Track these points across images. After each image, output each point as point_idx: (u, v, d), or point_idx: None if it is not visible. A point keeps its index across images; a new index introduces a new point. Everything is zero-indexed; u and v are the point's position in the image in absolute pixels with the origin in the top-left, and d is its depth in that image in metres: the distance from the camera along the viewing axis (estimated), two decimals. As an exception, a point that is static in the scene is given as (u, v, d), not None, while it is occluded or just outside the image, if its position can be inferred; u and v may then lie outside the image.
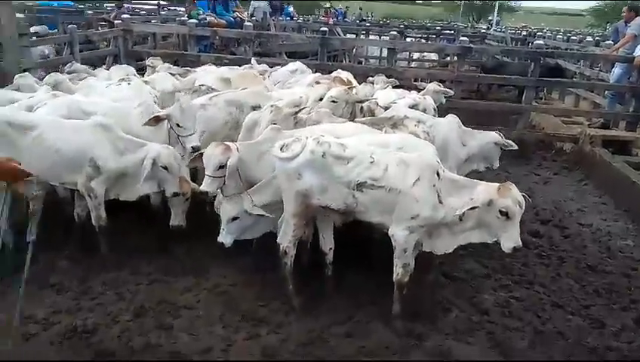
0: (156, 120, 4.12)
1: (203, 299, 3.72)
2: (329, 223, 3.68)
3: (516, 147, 4.57)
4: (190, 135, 4.17)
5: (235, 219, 3.67)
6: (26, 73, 5.39)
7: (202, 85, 5.23)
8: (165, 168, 3.98)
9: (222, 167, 3.58)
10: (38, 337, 3.25)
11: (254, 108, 4.62)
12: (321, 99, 4.44)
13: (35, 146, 3.79)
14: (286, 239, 3.51)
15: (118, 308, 3.55)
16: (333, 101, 4.36)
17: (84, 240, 4.23)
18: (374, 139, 3.68)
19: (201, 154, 3.71)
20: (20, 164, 2.74)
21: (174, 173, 4.03)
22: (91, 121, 3.97)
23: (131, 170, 3.99)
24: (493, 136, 4.56)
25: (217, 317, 3.52)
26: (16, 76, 5.28)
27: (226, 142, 3.72)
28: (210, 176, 3.61)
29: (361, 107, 4.57)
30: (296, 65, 7.06)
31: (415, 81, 10.78)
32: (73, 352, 3.14)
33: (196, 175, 4.44)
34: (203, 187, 3.64)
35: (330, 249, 3.71)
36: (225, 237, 3.69)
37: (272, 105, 4.27)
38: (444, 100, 5.95)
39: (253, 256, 4.15)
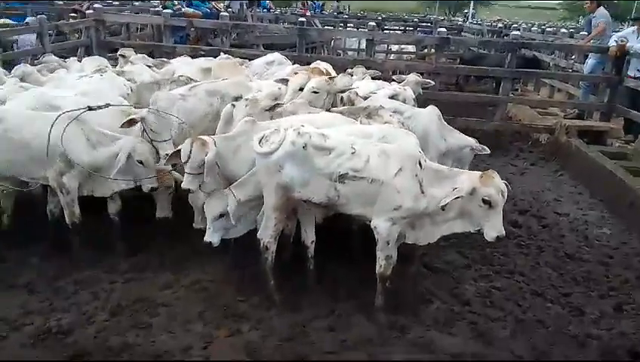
0: (130, 123, 3.92)
1: (182, 296, 3.63)
2: (311, 216, 3.63)
3: (489, 151, 4.55)
4: (164, 141, 3.98)
5: (221, 216, 3.57)
6: None
7: (181, 76, 5.10)
8: (141, 163, 3.85)
9: (203, 163, 3.46)
10: (8, 339, 3.13)
11: (236, 98, 4.50)
12: (300, 90, 4.37)
13: (2, 140, 3.63)
14: (267, 234, 3.43)
15: (93, 308, 3.44)
16: (315, 91, 4.29)
17: (56, 238, 4.09)
18: (356, 129, 3.63)
19: (178, 151, 3.58)
20: None
21: (150, 167, 3.91)
22: (62, 112, 3.80)
23: (105, 164, 3.85)
24: (470, 141, 4.54)
25: (197, 314, 3.44)
26: None
27: (202, 137, 3.57)
28: (190, 174, 3.50)
29: (342, 97, 4.50)
30: (274, 56, 6.94)
31: (394, 73, 10.81)
32: (47, 353, 3.03)
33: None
34: (184, 185, 3.54)
35: (312, 242, 3.67)
36: (212, 236, 3.58)
37: (247, 99, 4.17)
38: (421, 91, 5.93)
39: (233, 251, 4.08)
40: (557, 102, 9.54)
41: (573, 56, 10.60)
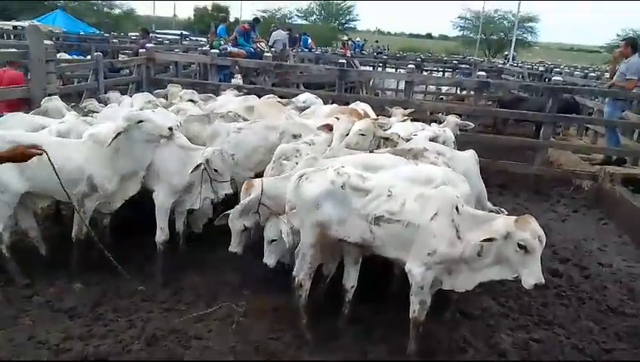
0: (197, 168, 4.15)
1: (214, 330, 3.68)
2: (357, 261, 3.63)
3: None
4: (224, 182, 4.29)
5: (273, 241, 3.82)
6: (54, 97, 5.52)
7: (230, 111, 5.33)
8: (216, 171, 4.25)
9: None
10: (50, 363, 3.23)
11: (295, 136, 4.71)
12: (347, 134, 4.46)
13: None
14: (302, 271, 3.47)
15: (129, 336, 3.52)
16: (362, 134, 4.37)
17: (99, 265, 4.26)
18: (417, 172, 3.69)
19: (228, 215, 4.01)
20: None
21: (225, 174, 4.33)
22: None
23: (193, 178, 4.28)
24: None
25: (229, 349, 3.46)
26: (44, 100, 5.42)
27: (251, 180, 3.97)
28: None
29: (385, 140, 4.57)
30: (305, 96, 7.06)
31: (432, 113, 10.86)
32: (84, 380, 3.12)
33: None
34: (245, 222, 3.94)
35: (352, 287, 3.65)
36: (268, 258, 3.88)
37: (274, 161, 4.40)
38: (458, 133, 5.94)
39: (267, 286, 4.13)
40: (600, 148, 9.31)
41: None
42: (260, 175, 4.50)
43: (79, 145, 4.08)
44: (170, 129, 4.11)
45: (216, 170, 4.23)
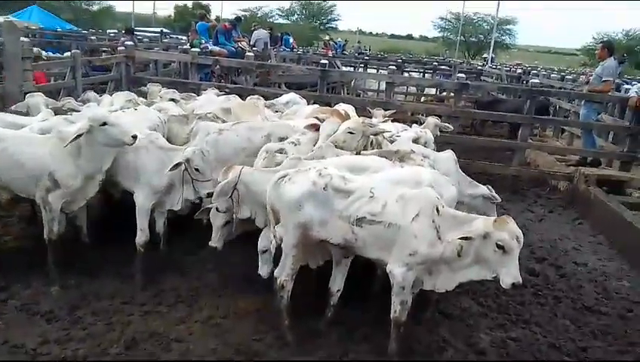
0: (176, 167, 4.10)
1: (196, 332, 3.65)
2: (345, 265, 3.65)
3: (499, 200, 4.55)
4: (207, 181, 4.23)
5: (264, 251, 3.88)
6: (37, 93, 5.40)
7: (209, 113, 5.29)
8: (197, 170, 4.23)
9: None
10: (26, 368, 3.18)
11: (281, 139, 4.72)
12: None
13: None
14: (284, 272, 3.47)
15: (108, 340, 3.47)
16: (350, 132, 4.37)
17: (79, 267, 4.21)
18: (405, 174, 3.70)
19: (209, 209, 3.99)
20: None
21: (206, 173, 4.26)
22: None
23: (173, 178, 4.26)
24: (482, 190, 4.53)
25: (210, 351, 3.45)
26: (28, 95, 5.31)
27: (234, 166, 3.92)
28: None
29: (371, 140, 4.59)
30: (289, 96, 7.07)
31: (412, 114, 10.95)
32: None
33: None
34: (214, 202, 3.90)
35: (338, 291, 3.68)
36: (261, 269, 3.91)
37: (266, 152, 4.36)
38: (438, 133, 6.01)
39: (248, 287, 4.12)
40: (576, 149, 9.49)
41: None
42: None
43: (44, 140, 4.01)
44: (135, 137, 4.02)
45: (197, 169, 4.20)
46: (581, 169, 7.92)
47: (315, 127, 4.70)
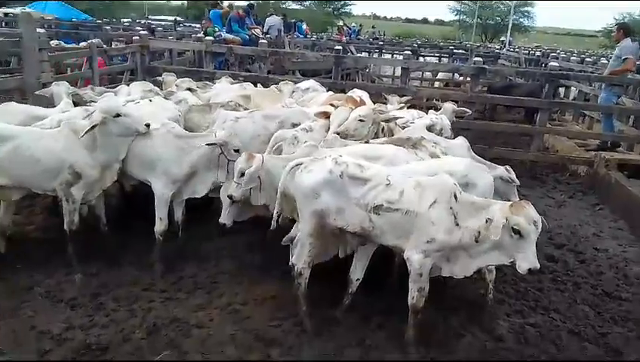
0: (210, 145, 4.20)
1: (215, 318, 3.71)
2: (367, 254, 3.65)
3: (518, 182, 4.39)
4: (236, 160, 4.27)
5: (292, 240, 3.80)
6: (62, 82, 5.41)
7: (231, 101, 5.31)
8: (237, 151, 4.23)
9: (244, 173, 3.80)
10: (53, 353, 3.26)
11: (294, 125, 4.74)
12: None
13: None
14: (301, 260, 3.50)
15: (130, 326, 3.55)
16: (361, 120, 4.36)
17: (101, 255, 4.31)
18: (436, 165, 3.72)
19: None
20: None
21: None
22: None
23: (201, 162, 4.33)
24: (500, 171, 4.35)
25: (229, 337, 3.50)
26: (54, 83, 5.36)
27: (252, 153, 3.93)
28: (235, 182, 3.86)
29: (382, 127, 4.56)
30: (310, 83, 7.08)
31: (427, 100, 10.83)
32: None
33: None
34: (229, 191, 3.90)
35: (358, 280, 3.69)
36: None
37: (303, 128, 4.48)
38: (454, 119, 5.94)
39: (266, 274, 4.16)
40: (596, 134, 9.34)
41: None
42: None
43: (56, 134, 4.01)
44: (148, 126, 4.10)
45: (237, 150, 4.23)
46: (601, 153, 7.79)
47: (326, 115, 4.69)
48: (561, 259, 5.13)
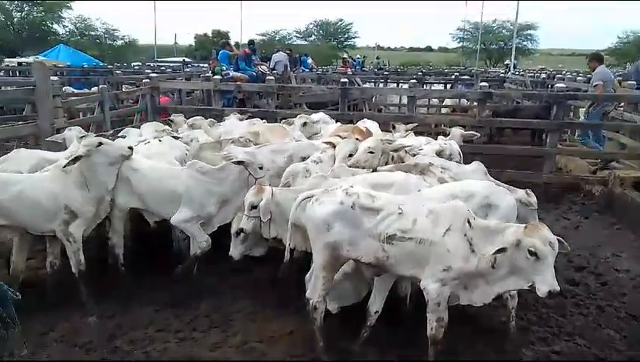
0: (238, 163, 4.34)
1: (231, 357, 3.65)
2: (386, 285, 3.61)
3: (536, 207, 4.29)
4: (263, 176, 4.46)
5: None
6: (75, 127, 5.55)
7: (241, 137, 5.39)
8: (261, 168, 4.46)
9: (254, 207, 3.89)
10: (67, 400, 3.22)
11: (303, 158, 4.80)
12: (350, 155, 4.46)
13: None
14: (316, 293, 3.45)
15: (146, 368, 3.50)
16: (371, 152, 4.39)
17: (115, 296, 4.31)
18: (457, 189, 3.76)
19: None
20: None
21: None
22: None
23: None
24: (520, 194, 4.24)
25: (246, 376, 3.43)
26: (67, 129, 5.50)
27: (262, 186, 4.01)
28: (246, 215, 3.92)
29: (392, 156, 4.58)
30: (319, 116, 7.17)
31: (435, 126, 10.85)
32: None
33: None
34: (240, 224, 3.96)
35: (377, 312, 3.63)
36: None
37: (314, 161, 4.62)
38: (462, 143, 5.92)
39: (281, 310, 4.11)
40: (608, 153, 9.26)
41: (622, 105, 10.35)
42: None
43: (49, 176, 4.11)
44: (131, 148, 4.25)
45: (261, 167, 4.38)
46: (616, 172, 7.69)
47: (333, 145, 4.73)
48: (582, 281, 5.00)
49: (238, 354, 3.68)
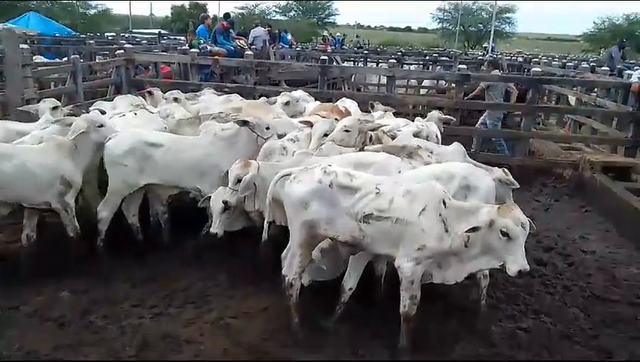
0: (243, 123, 4.51)
1: (206, 332, 3.67)
2: (361, 263, 3.66)
3: (517, 186, 4.46)
4: (272, 135, 4.60)
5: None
6: (49, 99, 5.44)
7: (222, 112, 5.32)
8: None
9: (240, 180, 3.88)
10: (40, 375, 3.20)
11: (280, 136, 4.78)
12: (325, 135, 4.45)
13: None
14: (292, 271, 3.48)
15: (120, 343, 3.49)
16: (347, 130, 4.39)
17: (89, 272, 4.27)
18: (438, 170, 3.82)
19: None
20: None
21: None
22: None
23: None
24: (498, 174, 4.39)
25: (221, 352, 3.46)
26: (42, 100, 5.37)
27: (248, 160, 4.01)
28: (230, 188, 3.92)
29: (370, 136, 4.58)
30: (298, 93, 7.09)
31: (414, 107, 10.90)
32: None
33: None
34: (224, 197, 3.92)
35: (351, 289, 3.68)
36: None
37: (291, 139, 4.62)
38: (441, 127, 5.98)
39: (257, 286, 4.14)
40: (581, 137, 9.47)
41: (596, 91, 10.57)
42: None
43: (45, 148, 4.20)
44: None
45: (268, 128, 4.56)
46: (586, 156, 7.89)
47: (310, 124, 4.72)
48: (550, 262, 5.17)
49: (213, 330, 3.69)
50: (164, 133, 4.76)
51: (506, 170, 4.46)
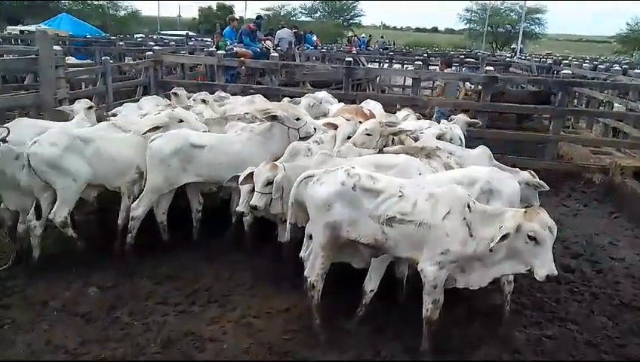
0: (273, 118, 4.60)
1: (229, 331, 3.71)
2: (383, 265, 3.66)
3: (547, 188, 4.38)
4: (305, 124, 4.70)
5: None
6: (85, 99, 5.63)
7: (247, 113, 5.38)
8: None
9: (269, 183, 3.85)
10: (68, 367, 3.29)
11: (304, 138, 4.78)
12: (349, 137, 4.46)
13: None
14: (314, 272, 3.49)
15: (145, 339, 3.57)
16: (368, 134, 4.39)
17: (116, 268, 4.38)
18: (459, 175, 3.78)
19: (252, 173, 3.97)
20: None
21: None
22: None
23: None
24: (525, 176, 4.32)
25: (243, 350, 3.50)
26: (77, 101, 5.54)
27: (274, 162, 4.00)
28: (258, 192, 3.86)
29: (392, 138, 4.57)
30: (322, 95, 7.11)
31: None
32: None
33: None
34: (252, 202, 3.88)
35: (372, 291, 3.69)
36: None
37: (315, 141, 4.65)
38: (465, 131, 5.90)
39: (279, 286, 4.17)
40: (611, 141, 9.25)
41: (629, 94, 10.29)
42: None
43: (128, 138, 4.61)
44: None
45: (297, 119, 4.66)
46: (617, 161, 7.69)
47: (334, 126, 4.73)
48: (578, 268, 5.06)
49: (235, 328, 3.73)
50: (206, 133, 4.84)
51: (532, 172, 4.38)
